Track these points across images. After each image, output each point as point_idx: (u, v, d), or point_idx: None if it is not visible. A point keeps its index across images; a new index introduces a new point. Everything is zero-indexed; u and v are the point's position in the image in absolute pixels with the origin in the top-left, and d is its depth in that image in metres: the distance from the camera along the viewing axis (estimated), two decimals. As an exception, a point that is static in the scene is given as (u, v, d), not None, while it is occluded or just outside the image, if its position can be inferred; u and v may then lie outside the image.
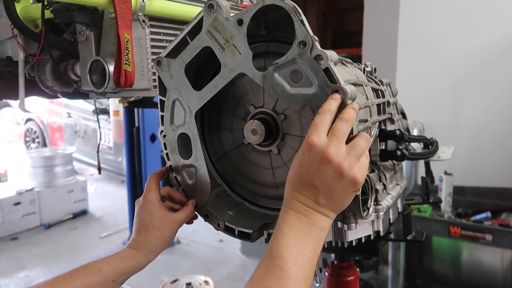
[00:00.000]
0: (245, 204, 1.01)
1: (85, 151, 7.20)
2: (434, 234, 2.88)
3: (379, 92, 1.15)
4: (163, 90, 0.96)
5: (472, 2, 3.29)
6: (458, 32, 3.38)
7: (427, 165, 1.56)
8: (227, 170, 1.03)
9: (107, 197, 6.37)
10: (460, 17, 3.36)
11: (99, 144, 2.45)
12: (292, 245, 0.69)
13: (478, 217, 2.95)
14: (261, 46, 0.92)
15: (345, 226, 0.92)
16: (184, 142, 0.96)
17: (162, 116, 0.97)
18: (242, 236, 0.92)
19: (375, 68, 1.26)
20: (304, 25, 0.75)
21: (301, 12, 0.76)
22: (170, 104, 0.94)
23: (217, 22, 0.84)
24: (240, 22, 0.81)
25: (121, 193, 6.36)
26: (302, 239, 0.70)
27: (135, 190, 4.51)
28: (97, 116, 2.75)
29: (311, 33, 0.76)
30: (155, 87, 1.39)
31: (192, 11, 1.46)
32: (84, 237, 4.94)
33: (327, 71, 0.75)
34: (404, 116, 1.46)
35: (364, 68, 1.13)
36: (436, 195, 1.33)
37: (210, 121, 1.04)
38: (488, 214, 2.96)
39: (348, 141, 0.74)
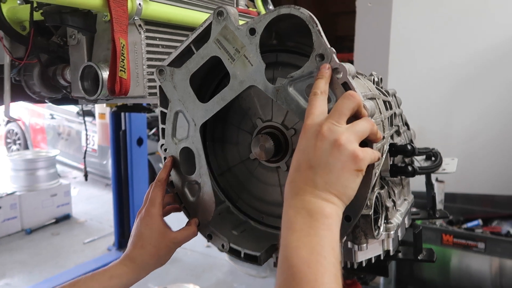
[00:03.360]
0: (250, 223, 0.95)
1: (68, 153, 7.03)
2: (427, 242, 2.86)
3: (387, 104, 1.12)
4: (164, 101, 0.89)
5: (465, 10, 3.30)
6: (450, 39, 3.38)
7: (428, 176, 1.53)
8: (231, 186, 0.97)
9: (91, 201, 6.23)
10: (453, 24, 3.37)
11: (85, 151, 2.36)
12: (298, 247, 0.61)
13: (469, 224, 2.94)
14: (270, 56, 0.86)
15: (355, 246, 0.87)
16: (186, 157, 0.90)
17: (163, 129, 0.90)
18: (248, 259, 0.86)
19: (381, 78, 1.22)
20: (322, 36, 0.70)
21: (318, 22, 0.71)
22: (172, 116, 0.88)
23: (226, 31, 0.78)
24: (252, 31, 0.76)
25: (106, 196, 6.22)
26: (307, 236, 0.61)
27: (121, 194, 4.41)
28: (84, 119, 2.66)
29: (329, 45, 0.71)
30: (150, 94, 1.33)
31: (190, 15, 1.40)
32: (68, 243, 4.81)
33: (346, 86, 0.70)
34: (408, 126, 1.42)
35: (373, 79, 1.08)
36: (442, 210, 1.29)
37: (213, 134, 0.98)
38: (480, 221, 2.96)
39: None
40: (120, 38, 1.14)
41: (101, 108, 5.65)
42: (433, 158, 1.49)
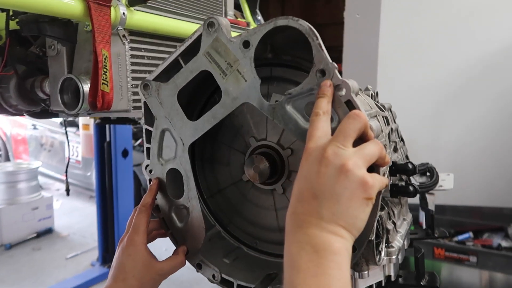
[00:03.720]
0: (243, 249, 0.88)
1: (51, 165, 6.85)
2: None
3: (384, 119, 1.06)
4: (150, 119, 0.82)
5: (452, 22, 3.31)
6: (439, 50, 3.38)
7: (423, 193, 1.48)
8: (222, 209, 0.90)
9: (75, 214, 6.05)
10: (441, 36, 3.37)
11: (67, 164, 2.27)
12: None
13: (460, 237, 2.91)
14: (264, 70, 0.80)
15: (356, 274, 0.81)
16: (173, 179, 0.83)
17: (148, 149, 0.83)
18: (242, 290, 0.79)
19: (377, 92, 1.17)
20: (323, 50, 0.65)
21: (318, 35, 0.66)
22: (158, 135, 0.81)
23: (218, 43, 0.72)
24: (246, 44, 0.69)
25: (90, 209, 6.06)
26: (314, 277, 0.54)
27: (105, 206, 4.29)
28: (66, 131, 2.56)
29: (330, 60, 0.65)
30: (135, 108, 1.26)
31: (178, 26, 1.34)
32: (49, 258, 4.64)
33: (349, 104, 0.64)
34: (403, 142, 1.37)
35: (371, 94, 1.03)
36: (441, 229, 1.24)
37: (202, 153, 0.91)
38: (471, 234, 2.93)
39: None
40: (103, 49, 1.07)
41: (85, 119, 5.52)
42: (428, 174, 1.44)
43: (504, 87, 3.26)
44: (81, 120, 5.67)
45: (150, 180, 0.84)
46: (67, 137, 2.42)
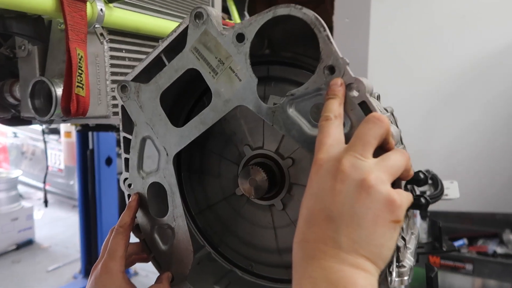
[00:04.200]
0: (236, 272, 0.78)
1: (33, 173, 6.64)
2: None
3: (390, 124, 0.97)
4: (128, 125, 0.72)
5: (444, 26, 3.27)
6: (430, 55, 3.34)
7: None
8: (212, 227, 0.80)
9: (57, 224, 5.86)
10: (432, 40, 3.33)
11: (45, 175, 2.13)
12: None
13: (455, 244, 2.85)
14: (260, 69, 0.70)
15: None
16: (156, 194, 0.72)
17: (126, 159, 0.72)
18: (236, 323, 0.69)
19: (378, 95, 1.08)
20: (331, 43, 0.55)
21: (325, 25, 0.56)
22: (138, 144, 0.70)
23: (207, 37, 0.62)
24: (240, 37, 0.59)
25: (72, 219, 5.87)
26: None
27: (88, 217, 4.13)
28: (44, 140, 2.43)
29: (341, 55, 0.55)
30: (115, 113, 1.15)
31: (162, 25, 1.24)
32: (30, 271, 4.45)
33: (364, 106, 0.54)
34: (405, 148, 1.29)
35: (377, 95, 0.94)
36: (449, 242, 1.15)
37: (189, 163, 0.80)
38: (465, 241, 2.87)
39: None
40: (77, 48, 0.96)
41: (66, 126, 5.35)
42: (430, 182, 1.36)
43: (496, 93, 3.23)
44: (63, 127, 5.49)
45: (129, 196, 0.73)
46: (45, 144, 2.29)
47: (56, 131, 6.02)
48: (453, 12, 3.23)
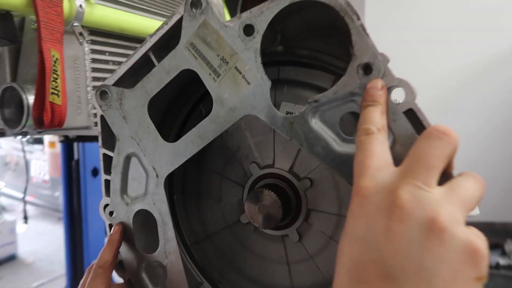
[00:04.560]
0: (241, 316, 0.65)
1: (16, 185, 6.42)
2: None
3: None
4: (109, 140, 0.59)
5: (450, 24, 3.23)
6: (425, 59, 3.30)
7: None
8: (211, 260, 0.67)
9: (41, 238, 5.64)
10: (428, 43, 3.29)
11: (25, 189, 1.98)
12: None
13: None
14: (270, 71, 0.58)
15: None
16: (144, 224, 0.59)
17: (107, 182, 0.59)
18: None
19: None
20: (367, 35, 0.43)
21: (358, 13, 0.44)
22: (121, 163, 0.57)
23: (207, 30, 0.49)
24: (249, 30, 0.47)
25: (58, 231, 5.65)
26: None
27: (74, 230, 3.94)
28: (23, 150, 2.28)
29: (378, 50, 0.43)
30: (96, 124, 1.02)
31: (149, 25, 1.12)
32: (12, 288, 4.26)
33: (411, 115, 0.42)
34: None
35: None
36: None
37: (183, 184, 0.67)
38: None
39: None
40: (52, 49, 0.83)
41: (50, 136, 5.17)
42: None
43: (495, 99, 3.18)
44: (47, 137, 5.31)
45: (110, 226, 0.60)
46: (24, 155, 2.15)
47: (40, 141, 5.83)
48: (449, 16, 3.19)
